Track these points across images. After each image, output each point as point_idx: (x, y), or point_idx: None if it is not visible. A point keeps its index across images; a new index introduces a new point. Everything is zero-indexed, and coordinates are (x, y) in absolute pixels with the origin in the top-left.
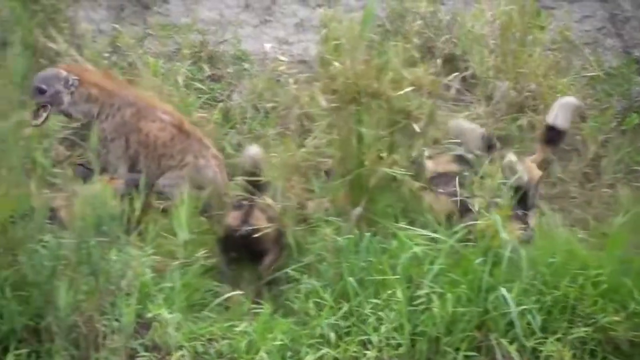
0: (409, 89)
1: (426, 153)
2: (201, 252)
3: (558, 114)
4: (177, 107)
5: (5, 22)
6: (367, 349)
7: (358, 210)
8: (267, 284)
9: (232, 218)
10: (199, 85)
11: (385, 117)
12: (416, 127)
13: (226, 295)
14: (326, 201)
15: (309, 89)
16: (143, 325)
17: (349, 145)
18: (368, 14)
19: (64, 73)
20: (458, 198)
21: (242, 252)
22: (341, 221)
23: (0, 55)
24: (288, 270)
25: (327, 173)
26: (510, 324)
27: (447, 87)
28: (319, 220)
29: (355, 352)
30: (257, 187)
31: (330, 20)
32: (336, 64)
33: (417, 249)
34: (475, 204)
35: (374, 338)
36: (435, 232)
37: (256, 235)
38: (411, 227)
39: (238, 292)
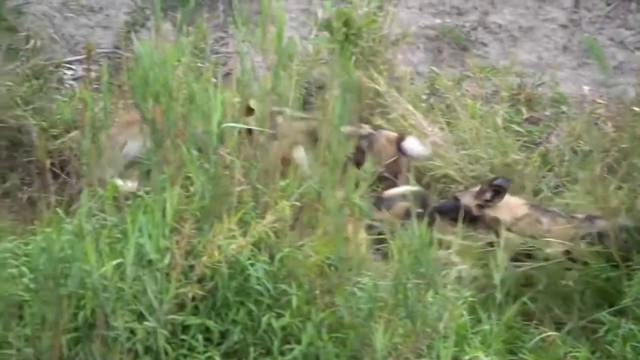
0: None
1: None
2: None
3: None
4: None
5: (324, 64)
6: None
7: None
8: (584, 327)
9: None
10: (516, 127)
11: None
12: None
13: (541, 336)
14: None
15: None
16: None
17: None
18: None
19: None
20: None
21: None
22: None
23: (320, 97)
24: (605, 313)
25: None
26: None
27: None
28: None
29: None
30: None
31: None
32: None
33: None
34: None
35: None
36: None
37: None
38: None
39: (554, 333)
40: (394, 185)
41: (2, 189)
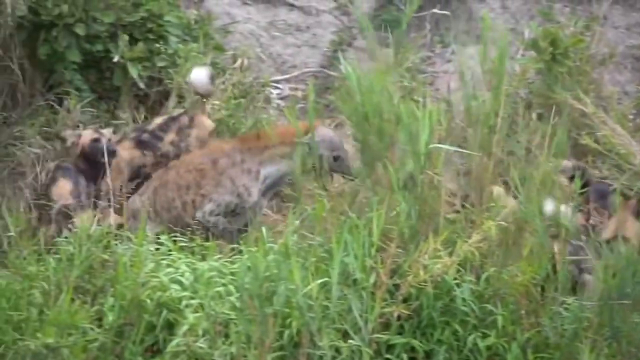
0: None
1: None
2: None
3: None
4: None
5: (531, 83)
6: None
7: None
8: None
9: None
10: None
11: None
12: None
13: None
14: None
15: None
16: None
17: None
18: None
19: None
20: None
21: None
22: None
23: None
24: None
25: None
26: None
27: None
28: None
29: None
30: None
31: None
32: None
33: None
34: None
35: None
36: None
37: None
38: None
39: None
40: None
41: None
